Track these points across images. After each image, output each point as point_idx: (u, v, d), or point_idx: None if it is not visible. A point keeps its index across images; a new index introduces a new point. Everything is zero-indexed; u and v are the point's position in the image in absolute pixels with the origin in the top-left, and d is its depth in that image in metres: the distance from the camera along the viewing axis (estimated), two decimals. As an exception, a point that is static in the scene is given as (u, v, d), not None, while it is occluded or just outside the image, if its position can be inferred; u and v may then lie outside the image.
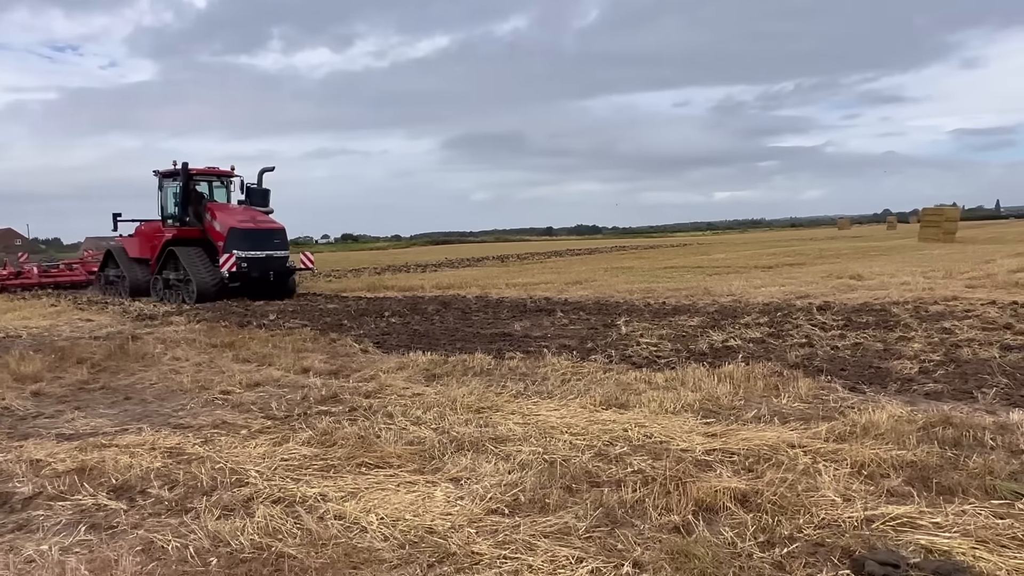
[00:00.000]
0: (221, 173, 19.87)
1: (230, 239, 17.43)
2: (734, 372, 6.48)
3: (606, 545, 3.24)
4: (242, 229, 17.60)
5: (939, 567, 2.84)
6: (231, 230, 17.48)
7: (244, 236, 17.54)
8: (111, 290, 20.97)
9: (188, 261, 17.59)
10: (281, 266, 18.10)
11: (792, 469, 4.02)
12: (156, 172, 19.53)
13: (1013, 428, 4.66)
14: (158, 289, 18.98)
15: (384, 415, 5.64)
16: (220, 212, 18.36)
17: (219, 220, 18.01)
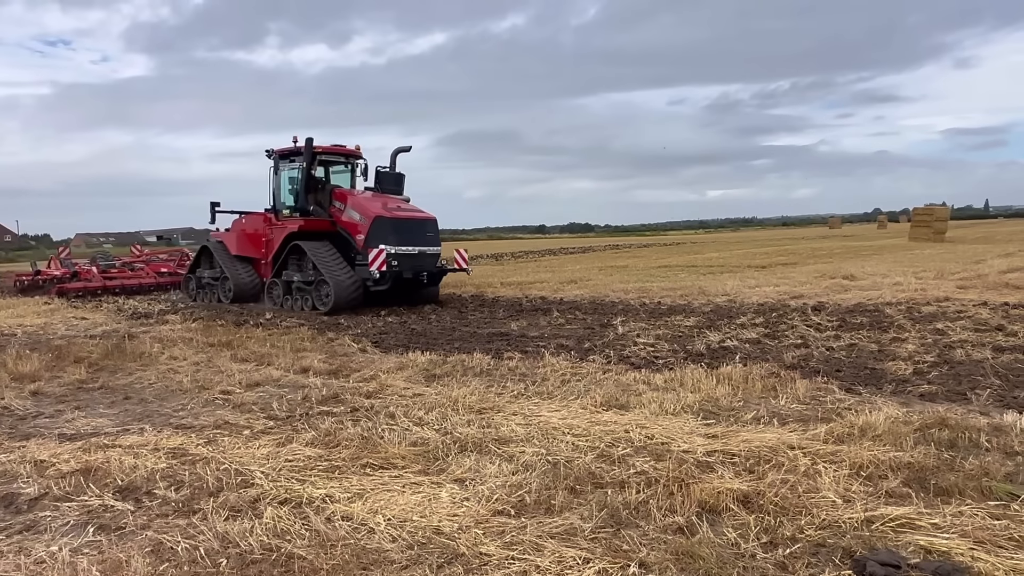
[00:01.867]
0: (348, 153, 15.91)
1: (375, 231, 13.83)
2: (732, 373, 6.55)
3: (612, 546, 3.29)
4: (391, 219, 13.96)
5: (939, 568, 2.90)
6: (377, 220, 13.86)
7: (393, 227, 13.89)
8: (205, 295, 16.98)
9: (321, 259, 13.88)
10: (433, 266, 14.50)
11: (793, 470, 4.09)
12: (270, 152, 15.84)
13: (1007, 430, 4.74)
14: (275, 295, 15.03)
15: (386, 416, 5.67)
16: (355, 199, 14.67)
17: (357, 208, 14.37)
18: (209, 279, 16.81)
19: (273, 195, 15.91)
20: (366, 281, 13.72)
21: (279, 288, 14.99)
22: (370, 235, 13.90)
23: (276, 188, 15.89)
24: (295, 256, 14.70)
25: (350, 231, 14.46)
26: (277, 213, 15.72)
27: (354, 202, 14.59)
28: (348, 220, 14.53)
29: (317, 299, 14.01)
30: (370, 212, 14.10)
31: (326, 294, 13.80)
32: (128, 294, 18.90)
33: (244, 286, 16.01)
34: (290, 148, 15.28)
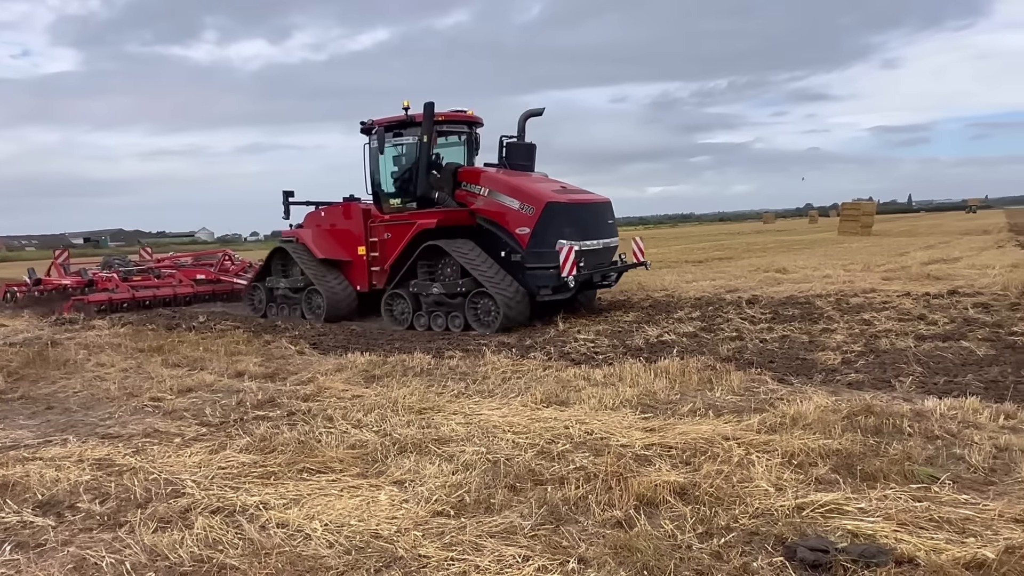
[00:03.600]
0: (470, 120, 12.38)
1: (548, 222, 10.41)
2: (670, 367, 6.66)
3: (551, 543, 3.30)
4: (567, 205, 10.64)
5: (864, 550, 3.00)
6: (549, 208, 10.43)
7: (571, 216, 10.60)
8: (281, 310, 13.25)
9: (475, 265, 10.58)
10: (609, 261, 11.48)
11: (727, 461, 4.17)
12: (367, 124, 12.13)
13: (928, 415, 4.94)
14: (399, 311, 11.55)
15: (324, 419, 5.57)
16: (504, 180, 11.24)
17: (514, 192, 10.85)
18: (286, 290, 13.10)
19: (372, 180, 12.32)
20: (541, 290, 10.59)
21: (405, 302, 11.42)
22: (540, 228, 10.44)
23: (376, 171, 12.29)
24: (427, 260, 11.24)
25: (501, 223, 10.95)
26: (380, 204, 12.29)
27: (505, 184, 11.08)
28: (496, 209, 11.03)
29: (472, 316, 10.62)
30: (539, 197, 10.59)
31: (489, 310, 10.47)
32: (161, 307, 15.21)
33: (340, 300, 12.37)
34: (398, 118, 11.69)
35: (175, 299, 15.70)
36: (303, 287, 12.80)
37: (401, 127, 11.87)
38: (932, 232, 37.41)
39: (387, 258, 11.96)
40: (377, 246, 12.20)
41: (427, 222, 11.27)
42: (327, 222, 13.05)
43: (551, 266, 10.34)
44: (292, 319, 12.77)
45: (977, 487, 3.74)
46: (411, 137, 11.84)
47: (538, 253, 10.47)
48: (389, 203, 12.20)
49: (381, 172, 12.31)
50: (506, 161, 12.21)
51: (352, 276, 12.55)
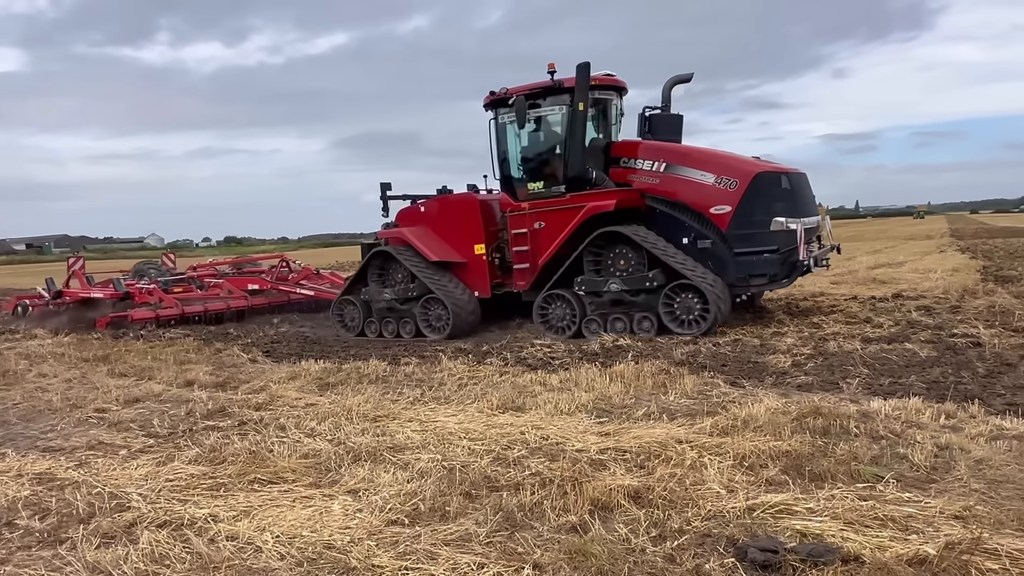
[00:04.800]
0: (619, 85, 10.55)
1: (754, 198, 8.98)
2: (625, 371, 6.71)
3: (506, 549, 3.29)
4: (776, 175, 9.29)
5: (812, 549, 3.07)
6: (758, 180, 9.03)
7: (780, 189, 9.22)
8: (385, 326, 11.13)
9: (666, 252, 9.12)
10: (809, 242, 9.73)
11: (680, 464, 4.22)
12: (499, 94, 10.28)
13: (874, 415, 5.08)
14: (556, 317, 9.81)
15: (276, 428, 5.48)
16: (684, 153, 9.76)
17: (704, 165, 9.35)
18: (392, 302, 10.91)
19: (504, 162, 10.62)
20: (753, 280, 9.15)
21: (570, 306, 9.61)
22: (746, 205, 8.92)
23: (509, 150, 10.54)
24: (596, 252, 9.58)
25: (687, 203, 9.36)
26: (515, 189, 10.49)
27: (690, 156, 9.59)
28: (679, 187, 9.43)
29: (670, 317, 9.02)
30: (743, 168, 9.16)
31: (691, 308, 8.89)
32: (211, 323, 12.98)
33: (466, 310, 10.41)
34: (542, 85, 9.93)
35: (227, 312, 13.51)
36: (416, 297, 10.65)
37: (544, 96, 10.04)
38: (878, 237, 38.56)
39: (541, 253, 9.96)
40: (522, 240, 10.16)
41: (602, 204, 9.40)
42: (431, 218, 11.09)
43: (767, 250, 8.88)
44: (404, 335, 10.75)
45: (919, 485, 3.86)
46: (558, 107, 10.04)
47: (745, 236, 8.94)
48: (528, 188, 10.32)
49: (518, 151, 10.54)
50: (649, 136, 10.31)
51: (468, 280, 10.65)
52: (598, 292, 9.43)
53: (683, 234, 9.36)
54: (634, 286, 9.21)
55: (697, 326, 8.85)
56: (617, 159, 10.10)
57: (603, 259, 9.58)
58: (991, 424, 4.83)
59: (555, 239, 9.81)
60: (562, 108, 10.00)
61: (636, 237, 9.21)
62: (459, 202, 11.11)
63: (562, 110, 10.01)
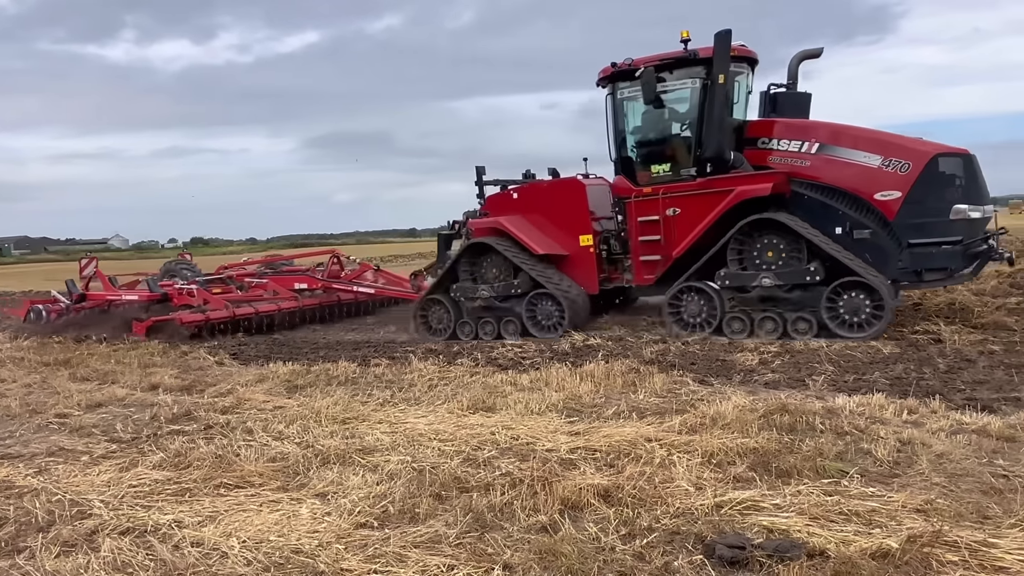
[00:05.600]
0: (751, 57, 9.59)
1: (928, 182, 8.04)
2: (595, 370, 6.74)
3: (476, 550, 3.28)
4: (957, 156, 8.25)
5: (778, 545, 3.10)
6: (935, 163, 8.05)
7: (958, 172, 8.19)
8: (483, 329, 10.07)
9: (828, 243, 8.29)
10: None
11: (650, 462, 4.25)
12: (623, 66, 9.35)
13: (839, 412, 5.16)
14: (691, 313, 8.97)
15: (243, 431, 5.40)
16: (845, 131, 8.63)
17: (873, 144, 8.34)
18: (491, 299, 9.93)
19: (622, 141, 9.70)
20: (927, 275, 8.24)
21: (708, 301, 8.72)
22: (920, 191, 7.98)
23: (626, 128, 9.68)
24: (740, 242, 8.68)
25: (846, 188, 8.41)
26: (636, 172, 9.60)
27: (853, 136, 8.51)
28: (837, 170, 8.45)
29: (831, 315, 8.11)
30: (917, 148, 8.22)
31: (857, 307, 8.00)
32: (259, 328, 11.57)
33: (579, 307, 9.63)
34: (674, 55, 9.02)
35: (278, 315, 12.06)
36: (521, 293, 9.69)
37: (674, 68, 9.10)
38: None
39: (676, 242, 9.06)
40: (650, 228, 9.27)
41: (754, 188, 8.51)
42: (527, 206, 10.09)
43: (947, 241, 8.01)
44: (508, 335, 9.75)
45: (883, 480, 3.93)
46: (691, 80, 9.11)
47: (919, 225, 8.01)
48: (651, 171, 9.45)
49: (641, 129, 9.63)
50: (771, 113, 9.48)
51: (573, 275, 9.80)
52: (744, 287, 8.51)
53: (835, 223, 8.37)
54: (790, 281, 8.27)
55: (865, 329, 7.94)
56: (753, 139, 9.11)
57: (746, 250, 8.63)
58: (951, 419, 4.94)
59: (694, 227, 8.86)
60: (695, 81, 9.06)
61: (796, 226, 8.22)
62: (564, 188, 10.04)
63: (695, 84, 9.06)
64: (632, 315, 10.66)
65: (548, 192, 10.16)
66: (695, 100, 9.16)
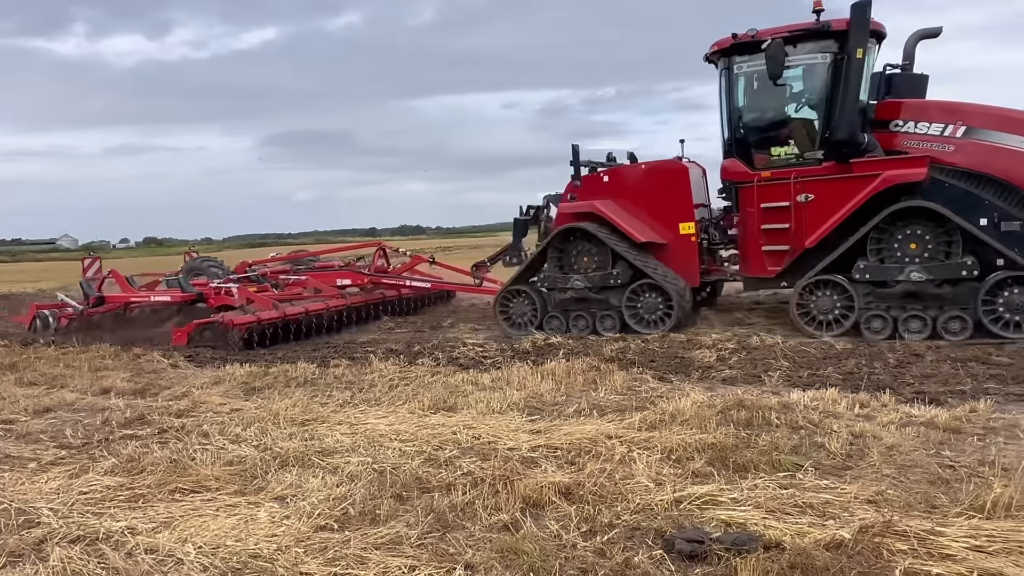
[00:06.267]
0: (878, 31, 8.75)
1: None
2: (556, 369, 6.77)
3: (438, 551, 3.27)
4: None
5: (736, 538, 3.16)
6: None
7: None
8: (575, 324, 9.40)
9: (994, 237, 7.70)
10: None
11: (610, 459, 4.28)
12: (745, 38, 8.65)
13: (794, 406, 5.27)
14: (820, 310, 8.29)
15: (199, 435, 5.29)
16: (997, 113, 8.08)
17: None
18: (583, 290, 9.26)
19: (739, 120, 9.05)
20: None
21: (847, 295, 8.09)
22: None
23: (743, 107, 9.05)
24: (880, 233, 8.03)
25: (998, 175, 7.87)
26: (753, 155, 8.94)
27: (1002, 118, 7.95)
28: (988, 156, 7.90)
29: (992, 317, 7.59)
30: None
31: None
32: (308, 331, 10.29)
33: (686, 300, 9.10)
34: (801, 28, 8.39)
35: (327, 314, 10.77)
36: (620, 284, 9.03)
37: (802, 41, 8.43)
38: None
39: (809, 231, 8.37)
40: (776, 216, 8.57)
41: (905, 174, 7.90)
42: (620, 190, 9.36)
43: None
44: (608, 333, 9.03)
45: (836, 472, 4.02)
46: (821, 55, 8.46)
47: None
48: (770, 154, 8.80)
49: (759, 108, 8.96)
50: (886, 95, 8.89)
51: (672, 266, 9.15)
52: (885, 282, 7.91)
53: (980, 213, 7.75)
54: (941, 276, 7.68)
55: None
56: (884, 121, 8.48)
57: (886, 241, 8.00)
58: (901, 412, 5.09)
59: (831, 216, 8.18)
60: (826, 56, 8.39)
61: (952, 216, 7.64)
62: (664, 171, 9.27)
63: (826, 58, 8.40)
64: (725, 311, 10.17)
65: (645, 176, 9.34)
66: (825, 77, 8.48)
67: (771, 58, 8.12)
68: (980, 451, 4.28)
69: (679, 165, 9.29)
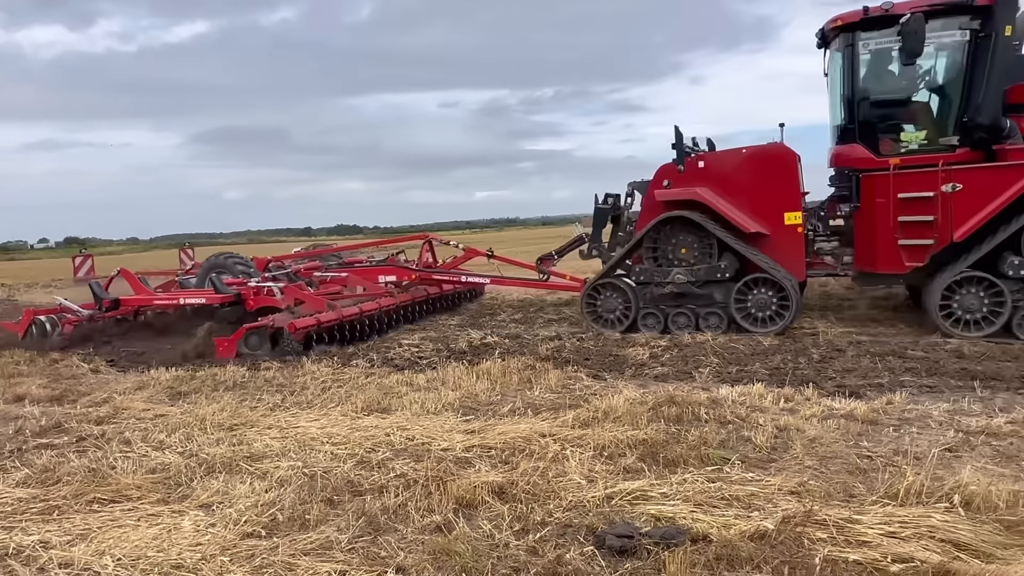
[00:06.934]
0: None
1: None
2: (491, 368, 6.77)
3: (369, 554, 3.23)
4: None
5: (664, 532, 3.22)
6: None
7: None
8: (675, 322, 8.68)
9: None
10: None
11: (543, 457, 4.31)
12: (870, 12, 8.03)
13: (722, 402, 5.41)
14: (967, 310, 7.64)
15: (120, 442, 5.09)
16: None
17: None
18: (686, 284, 8.57)
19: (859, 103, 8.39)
20: None
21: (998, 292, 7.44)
22: None
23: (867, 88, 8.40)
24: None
25: None
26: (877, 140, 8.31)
27: None
28: None
29: None
30: None
31: None
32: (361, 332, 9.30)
33: (799, 295, 8.71)
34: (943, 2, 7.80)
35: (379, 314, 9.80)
36: (728, 278, 8.40)
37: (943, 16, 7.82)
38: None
39: (958, 223, 7.67)
40: (919, 206, 7.88)
41: None
42: (719, 177, 8.65)
43: None
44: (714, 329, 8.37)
45: (761, 465, 4.14)
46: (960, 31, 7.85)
47: None
48: (900, 140, 8.24)
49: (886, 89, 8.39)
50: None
51: (776, 259, 8.43)
52: None
53: None
54: None
55: None
56: (1018, 105, 7.91)
57: None
58: (823, 405, 5.28)
59: (983, 207, 7.54)
60: (965, 33, 7.83)
61: None
62: (771, 157, 8.56)
63: (965, 35, 7.84)
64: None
65: (747, 161, 8.61)
66: (963, 55, 7.88)
67: (910, 35, 7.52)
68: (895, 441, 4.48)
69: (788, 150, 8.58)
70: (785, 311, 8.18)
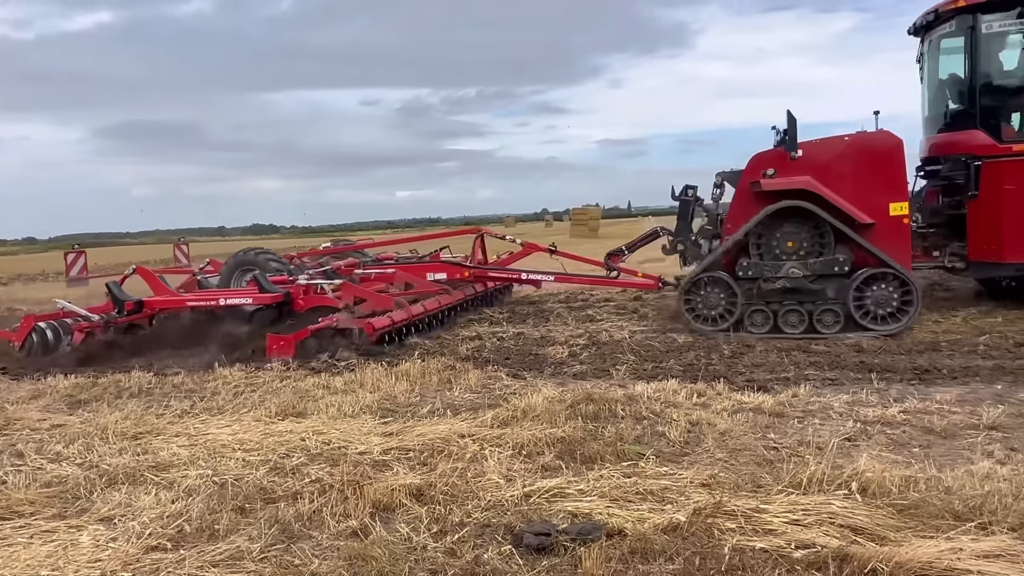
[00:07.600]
0: None
1: None
2: (411, 369, 6.70)
3: (282, 563, 3.14)
4: None
5: (581, 528, 3.26)
6: None
7: None
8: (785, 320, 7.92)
9: None
10: None
11: (462, 458, 4.29)
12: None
13: (638, 398, 5.52)
14: None
15: (12, 455, 4.79)
16: None
17: None
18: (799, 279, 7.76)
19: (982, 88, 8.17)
20: None
21: None
22: None
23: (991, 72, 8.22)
24: None
25: None
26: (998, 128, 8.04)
27: None
28: None
29: None
30: None
31: None
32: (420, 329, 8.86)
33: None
34: None
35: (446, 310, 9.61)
36: (845, 272, 7.70)
37: None
38: (646, 235, 42.11)
39: None
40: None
41: None
42: (815, 165, 7.95)
43: None
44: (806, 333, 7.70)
45: (674, 459, 4.25)
46: None
47: None
48: None
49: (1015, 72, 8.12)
50: None
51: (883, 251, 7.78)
52: None
53: None
54: None
55: None
56: None
57: None
58: (733, 399, 5.46)
59: None
60: None
61: None
62: (877, 144, 7.97)
63: None
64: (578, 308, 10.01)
65: (850, 149, 8.03)
66: None
67: None
68: (799, 432, 4.68)
69: (894, 137, 8.01)
70: (909, 307, 7.62)
